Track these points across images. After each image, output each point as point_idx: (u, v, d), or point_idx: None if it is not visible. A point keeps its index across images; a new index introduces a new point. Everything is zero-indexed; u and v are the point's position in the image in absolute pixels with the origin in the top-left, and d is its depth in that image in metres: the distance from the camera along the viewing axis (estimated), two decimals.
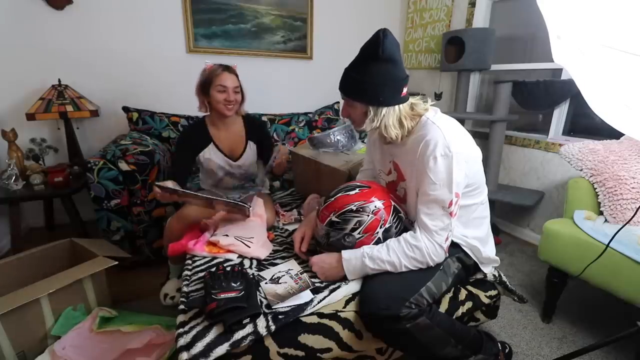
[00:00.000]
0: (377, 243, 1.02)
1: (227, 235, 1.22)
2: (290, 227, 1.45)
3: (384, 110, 0.97)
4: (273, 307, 0.92)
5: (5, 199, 1.73)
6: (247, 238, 1.22)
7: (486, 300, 1.15)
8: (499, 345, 1.16)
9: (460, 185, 0.95)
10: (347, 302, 0.97)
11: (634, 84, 0.57)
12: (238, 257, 1.18)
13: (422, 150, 0.95)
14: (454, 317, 1.07)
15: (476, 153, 1.02)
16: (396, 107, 0.98)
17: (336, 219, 1.03)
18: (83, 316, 1.29)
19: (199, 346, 0.79)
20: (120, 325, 1.26)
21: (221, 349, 0.80)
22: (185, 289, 1.01)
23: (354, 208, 1.02)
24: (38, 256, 1.46)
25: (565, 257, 1.36)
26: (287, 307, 0.92)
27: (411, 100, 1.03)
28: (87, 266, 1.32)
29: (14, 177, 1.79)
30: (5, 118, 2.05)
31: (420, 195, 0.97)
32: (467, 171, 0.96)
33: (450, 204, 0.93)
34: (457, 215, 0.97)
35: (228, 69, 1.46)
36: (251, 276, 1.03)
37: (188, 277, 1.06)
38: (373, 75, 0.95)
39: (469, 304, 1.11)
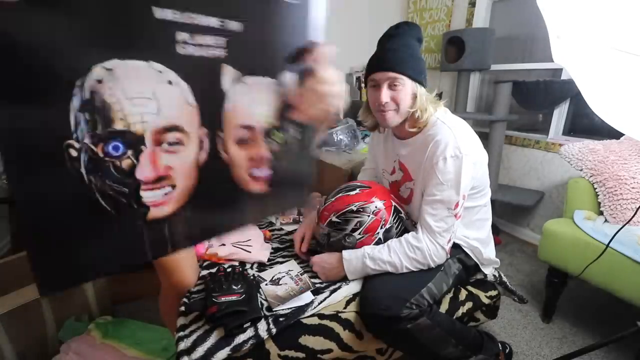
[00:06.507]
0: (377, 243, 1.01)
1: (224, 245, 1.17)
2: (289, 228, 1.39)
3: (422, 90, 0.95)
4: (274, 310, 0.91)
5: (5, 199, 1.73)
6: (244, 242, 1.18)
7: (486, 301, 1.15)
8: (499, 345, 1.16)
9: (467, 187, 0.95)
10: (348, 302, 0.97)
11: (634, 84, 0.57)
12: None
13: (431, 150, 0.94)
14: (454, 317, 1.07)
15: (484, 156, 1.01)
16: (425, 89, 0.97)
17: (337, 220, 1.03)
18: (85, 325, 1.31)
19: (200, 351, 0.79)
20: (125, 340, 1.27)
21: (222, 354, 0.79)
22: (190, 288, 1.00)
23: (355, 208, 1.02)
24: None
25: (565, 257, 1.36)
26: (288, 309, 0.92)
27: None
28: None
29: None
30: None
31: (425, 195, 0.97)
32: (473, 173, 0.95)
33: (456, 205, 0.93)
34: (461, 217, 0.96)
35: None
36: (252, 277, 1.03)
37: None
38: (415, 49, 0.92)
39: (469, 304, 1.11)
